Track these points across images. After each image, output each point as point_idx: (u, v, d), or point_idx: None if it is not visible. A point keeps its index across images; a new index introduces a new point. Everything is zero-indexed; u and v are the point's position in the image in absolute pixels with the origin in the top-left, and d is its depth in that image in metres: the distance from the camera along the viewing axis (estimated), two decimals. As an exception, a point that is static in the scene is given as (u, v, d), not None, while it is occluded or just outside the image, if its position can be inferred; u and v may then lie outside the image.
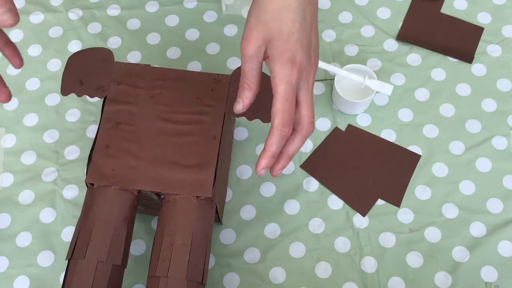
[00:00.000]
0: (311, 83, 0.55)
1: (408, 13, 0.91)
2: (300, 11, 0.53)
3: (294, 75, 0.52)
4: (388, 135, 0.81)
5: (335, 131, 0.82)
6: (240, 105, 0.56)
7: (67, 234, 0.76)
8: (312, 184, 0.78)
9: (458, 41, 0.88)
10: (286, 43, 0.52)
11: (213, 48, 0.89)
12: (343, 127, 0.82)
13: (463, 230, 0.75)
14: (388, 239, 0.75)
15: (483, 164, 0.79)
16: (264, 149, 0.55)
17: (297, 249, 0.74)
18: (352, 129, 0.82)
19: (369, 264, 0.73)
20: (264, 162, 0.56)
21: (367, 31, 0.90)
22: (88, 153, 0.70)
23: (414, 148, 0.80)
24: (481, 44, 0.88)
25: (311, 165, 0.79)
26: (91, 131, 0.82)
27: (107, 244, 0.62)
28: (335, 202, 0.77)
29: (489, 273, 0.72)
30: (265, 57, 0.54)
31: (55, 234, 0.76)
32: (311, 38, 0.55)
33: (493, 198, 0.77)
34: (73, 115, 0.84)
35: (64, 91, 0.69)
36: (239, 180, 0.79)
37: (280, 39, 0.52)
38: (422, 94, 0.84)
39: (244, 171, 0.79)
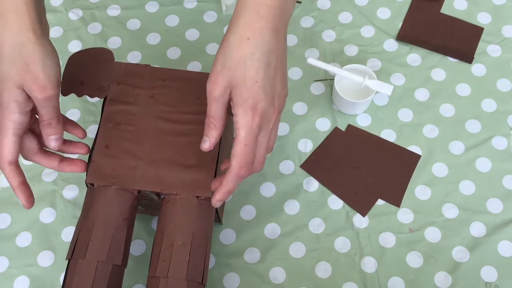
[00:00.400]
0: (272, 127, 0.57)
1: (408, 13, 0.91)
2: (265, 59, 0.54)
3: (255, 121, 0.55)
4: (388, 135, 0.81)
5: (335, 131, 0.82)
6: (207, 144, 0.58)
7: (67, 234, 0.76)
8: (312, 184, 0.78)
9: (458, 41, 0.88)
10: (249, 91, 0.54)
11: (213, 48, 0.89)
12: (343, 127, 0.82)
13: (463, 230, 0.75)
14: (388, 239, 0.75)
15: (483, 164, 0.79)
16: (221, 186, 0.58)
17: (297, 249, 0.74)
18: (352, 129, 0.82)
19: (369, 264, 0.73)
20: (219, 197, 0.59)
21: (367, 31, 0.90)
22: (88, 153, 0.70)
23: (414, 148, 0.80)
24: (481, 44, 0.88)
25: (311, 165, 0.79)
26: (91, 131, 0.82)
27: (107, 244, 0.62)
28: (335, 202, 0.77)
29: (489, 273, 0.72)
30: (230, 99, 0.56)
31: (55, 234, 0.76)
32: (275, 83, 0.56)
33: (493, 198, 0.77)
34: (73, 115, 0.84)
35: (64, 91, 0.69)
36: (239, 180, 0.79)
37: (243, 85, 0.54)
38: (422, 94, 0.84)
39: (244, 171, 0.79)
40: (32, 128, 0.61)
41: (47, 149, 0.62)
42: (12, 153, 0.56)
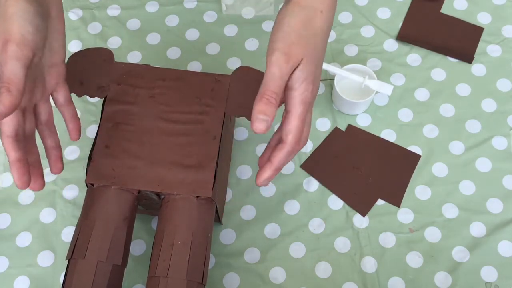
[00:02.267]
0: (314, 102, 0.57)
1: (408, 13, 0.91)
2: (327, 35, 0.55)
3: (313, 97, 0.54)
4: (388, 135, 0.81)
5: (335, 131, 0.82)
6: (265, 124, 0.51)
7: (67, 234, 0.76)
8: (312, 184, 0.78)
9: (458, 41, 0.88)
10: (315, 66, 0.54)
11: (213, 48, 0.89)
12: (343, 127, 0.82)
13: (463, 230, 0.75)
14: (388, 239, 0.75)
15: (483, 164, 0.79)
16: (270, 162, 0.56)
17: (297, 249, 0.74)
18: (352, 129, 0.82)
19: (369, 264, 0.73)
20: (267, 174, 0.57)
21: (367, 31, 0.90)
22: (88, 153, 0.70)
23: (414, 148, 0.80)
24: (481, 44, 0.88)
25: (311, 165, 0.79)
26: (91, 131, 0.82)
27: (107, 244, 0.62)
28: (335, 202, 0.77)
29: (489, 273, 0.72)
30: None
31: (55, 234, 0.76)
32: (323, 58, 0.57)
33: (493, 198, 0.77)
34: (73, 115, 0.84)
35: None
36: (239, 180, 0.79)
37: (312, 60, 0.53)
38: (422, 94, 0.84)
39: (244, 171, 0.79)
40: (37, 110, 0.60)
41: (20, 139, 0.57)
42: (10, 125, 0.55)
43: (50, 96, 0.62)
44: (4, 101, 0.50)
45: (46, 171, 0.80)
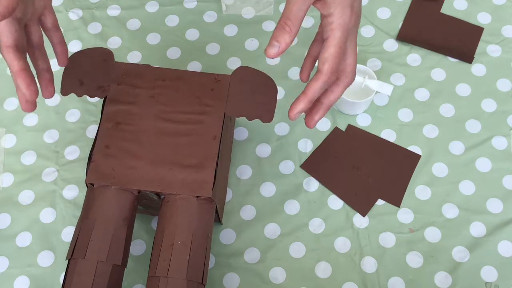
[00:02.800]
0: (356, 33, 0.54)
1: (408, 13, 0.91)
2: None
3: (351, 22, 0.51)
4: (388, 135, 0.81)
5: (335, 131, 0.82)
6: (276, 49, 0.51)
7: (67, 234, 0.76)
8: (312, 184, 0.78)
9: (458, 41, 0.88)
10: None
11: (213, 48, 0.89)
12: (343, 127, 0.82)
13: (463, 230, 0.75)
14: (388, 239, 0.75)
15: (483, 164, 0.79)
16: (304, 93, 0.54)
17: (297, 249, 0.74)
18: (352, 129, 0.82)
19: (369, 264, 0.73)
20: (302, 106, 0.55)
21: (367, 31, 0.90)
22: (88, 153, 0.70)
23: (414, 148, 0.80)
24: (481, 44, 0.88)
25: (311, 165, 0.79)
26: (91, 131, 0.83)
27: (107, 244, 0.62)
28: (335, 202, 0.77)
29: (489, 273, 0.72)
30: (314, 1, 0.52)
31: (55, 234, 0.76)
32: None
33: (493, 198, 0.77)
34: (73, 115, 0.84)
35: (64, 91, 0.69)
36: (239, 180, 0.79)
37: None
38: (422, 94, 0.84)
39: (244, 171, 0.79)
40: (28, 29, 0.60)
41: (21, 50, 0.57)
42: (8, 36, 0.55)
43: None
44: (2, 1, 0.50)
45: (46, 171, 0.80)
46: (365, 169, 0.79)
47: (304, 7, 0.51)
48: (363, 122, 0.82)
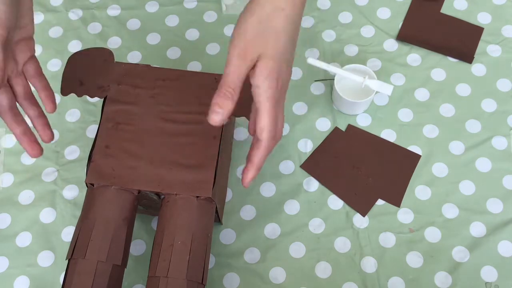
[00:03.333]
0: (284, 97, 0.57)
1: (408, 13, 0.91)
2: (293, 32, 0.55)
3: (278, 90, 0.55)
4: (388, 135, 0.81)
5: (335, 131, 0.82)
6: (220, 116, 0.54)
7: (67, 234, 0.76)
8: (312, 184, 0.78)
9: (458, 41, 0.88)
10: (277, 62, 0.54)
11: (213, 48, 0.89)
12: (343, 127, 0.82)
13: (463, 230, 0.75)
14: (388, 239, 0.75)
15: (483, 164, 0.79)
16: (251, 162, 0.58)
17: (297, 249, 0.74)
18: (352, 129, 0.82)
19: (369, 264, 0.73)
20: (251, 174, 0.59)
21: (367, 31, 0.90)
22: (88, 153, 0.70)
23: (414, 148, 0.80)
24: (481, 44, 0.88)
25: (311, 165, 0.79)
26: (91, 131, 0.82)
27: (107, 244, 0.62)
28: (335, 202, 0.77)
29: (489, 273, 0.72)
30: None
31: (55, 234, 0.76)
32: (293, 55, 0.57)
33: (493, 198, 0.77)
34: (73, 115, 0.84)
35: (64, 91, 0.69)
36: (239, 180, 0.79)
37: (273, 57, 0.54)
38: (422, 94, 0.84)
39: (244, 171, 0.79)
40: (12, 83, 0.60)
41: (19, 112, 0.60)
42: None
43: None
44: None
45: (46, 171, 0.80)
46: (365, 169, 0.79)
47: (242, 75, 0.54)
48: (363, 122, 0.82)
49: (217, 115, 0.54)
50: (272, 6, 0.53)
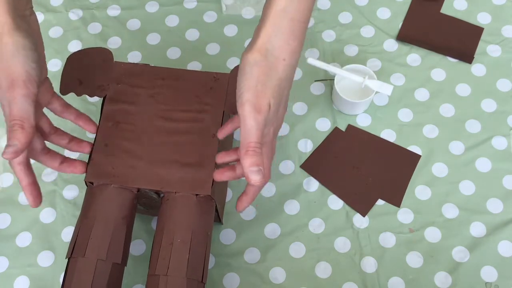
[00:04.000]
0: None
1: (408, 13, 0.91)
2: (291, 81, 0.57)
3: (273, 136, 0.59)
4: (388, 135, 0.81)
5: (335, 131, 0.82)
6: (260, 174, 0.55)
7: (67, 234, 0.76)
8: (312, 184, 0.78)
9: (458, 41, 0.88)
10: (278, 110, 0.57)
11: (213, 48, 0.89)
12: (343, 127, 0.82)
13: (463, 230, 0.75)
14: (388, 239, 0.75)
15: (483, 164, 0.79)
16: (247, 195, 0.61)
17: (297, 249, 0.74)
18: (352, 129, 0.82)
19: (369, 264, 0.73)
20: (246, 204, 0.62)
21: (367, 31, 0.90)
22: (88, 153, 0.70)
23: (414, 148, 0.80)
24: (481, 44, 0.88)
25: (311, 165, 0.79)
26: (91, 131, 0.82)
27: (106, 243, 0.62)
28: (335, 202, 0.77)
29: (489, 273, 0.72)
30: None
31: (55, 234, 0.76)
32: (288, 96, 0.60)
33: (493, 198, 0.77)
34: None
35: (63, 91, 0.69)
36: (239, 180, 0.79)
37: (275, 106, 0.55)
38: (422, 94, 0.84)
39: (244, 171, 0.79)
40: (39, 125, 0.61)
41: (50, 149, 0.62)
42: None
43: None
44: (20, 138, 0.54)
45: (46, 171, 0.80)
46: (365, 169, 0.79)
47: (261, 132, 0.55)
48: (363, 122, 0.82)
49: (258, 174, 0.55)
50: (274, 57, 0.54)
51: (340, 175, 0.79)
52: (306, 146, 0.81)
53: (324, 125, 0.82)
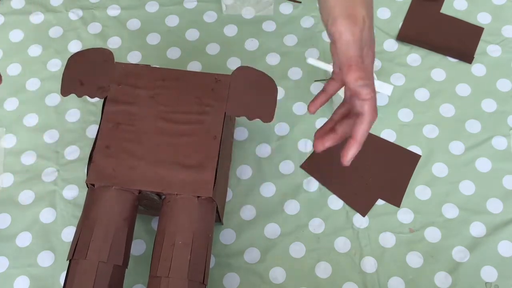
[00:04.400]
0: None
1: (408, 13, 0.91)
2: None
3: (373, 62, 0.55)
4: (388, 135, 0.81)
5: (335, 131, 0.81)
6: (370, 88, 0.55)
7: (67, 234, 0.76)
8: (312, 184, 0.78)
9: (458, 41, 0.88)
10: (372, 29, 0.53)
11: (213, 48, 0.89)
12: (343, 127, 0.82)
13: (463, 230, 0.75)
14: (388, 239, 0.75)
15: (483, 164, 0.79)
16: (353, 138, 0.56)
17: (297, 249, 0.74)
18: (352, 129, 0.82)
19: (369, 264, 0.73)
20: (354, 151, 0.56)
21: (367, 31, 0.90)
22: (88, 153, 0.70)
23: (414, 148, 0.80)
24: (481, 44, 0.88)
25: (311, 165, 0.79)
26: (91, 131, 0.82)
27: (108, 245, 0.62)
28: (335, 202, 0.77)
29: (489, 273, 0.72)
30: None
31: (55, 234, 0.76)
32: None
33: (493, 198, 0.77)
34: (73, 115, 0.84)
35: (64, 92, 0.69)
36: (239, 180, 0.79)
37: (371, 23, 0.53)
38: (422, 94, 0.84)
39: (244, 171, 0.79)
40: None
41: None
42: None
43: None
44: None
45: (46, 171, 0.80)
46: (365, 169, 0.79)
47: (359, 45, 0.52)
48: (363, 122, 0.82)
49: (367, 88, 0.53)
50: (352, 19, 0.52)
51: (340, 175, 0.79)
52: (306, 146, 0.81)
53: (324, 125, 0.82)
